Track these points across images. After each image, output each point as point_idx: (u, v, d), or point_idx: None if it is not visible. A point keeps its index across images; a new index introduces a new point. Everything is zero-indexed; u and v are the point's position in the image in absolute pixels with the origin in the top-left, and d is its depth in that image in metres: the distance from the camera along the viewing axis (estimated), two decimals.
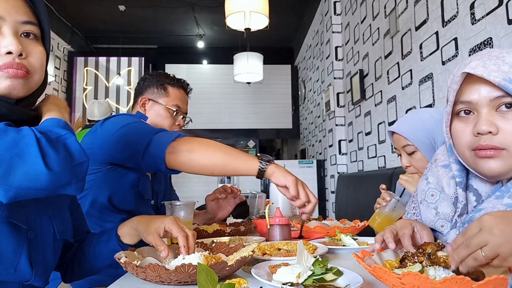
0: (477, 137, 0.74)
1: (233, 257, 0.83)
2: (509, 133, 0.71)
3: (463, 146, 0.78)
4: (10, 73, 0.72)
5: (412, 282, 0.56)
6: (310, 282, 0.69)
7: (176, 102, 1.51)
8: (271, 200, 1.91)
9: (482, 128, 0.72)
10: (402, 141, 1.33)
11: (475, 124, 0.74)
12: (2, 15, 0.73)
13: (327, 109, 4.35)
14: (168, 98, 1.50)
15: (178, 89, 1.54)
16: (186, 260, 0.78)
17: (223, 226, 1.39)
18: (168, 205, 1.22)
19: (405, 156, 1.35)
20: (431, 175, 0.94)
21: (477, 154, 0.74)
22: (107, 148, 1.19)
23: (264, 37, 5.08)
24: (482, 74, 0.71)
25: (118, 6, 5.49)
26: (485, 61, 0.73)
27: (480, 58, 0.75)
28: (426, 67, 2.38)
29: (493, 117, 0.73)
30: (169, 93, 1.51)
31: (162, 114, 1.48)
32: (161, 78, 1.52)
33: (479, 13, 1.84)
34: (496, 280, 0.53)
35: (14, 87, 0.73)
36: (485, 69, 0.71)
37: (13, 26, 0.74)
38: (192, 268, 0.68)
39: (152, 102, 1.49)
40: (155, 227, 0.88)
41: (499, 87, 0.70)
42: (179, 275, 0.69)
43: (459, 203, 0.82)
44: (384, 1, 3.05)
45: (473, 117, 0.75)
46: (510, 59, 0.74)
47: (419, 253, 0.67)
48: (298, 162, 4.98)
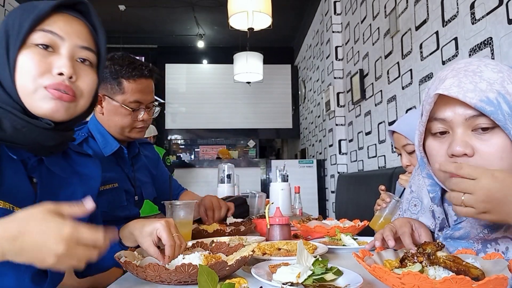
0: (452, 158, 0.69)
1: (233, 257, 0.83)
2: (486, 156, 0.66)
3: (437, 167, 0.72)
4: (55, 94, 0.72)
5: (412, 282, 0.57)
6: (310, 282, 0.69)
7: (135, 97, 1.30)
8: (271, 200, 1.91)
9: (457, 149, 0.68)
10: (403, 140, 1.34)
11: (449, 144, 0.70)
12: (62, 36, 0.74)
13: (327, 109, 4.34)
14: (124, 95, 1.29)
15: (136, 80, 1.30)
16: (186, 260, 0.79)
17: (223, 226, 1.39)
18: (168, 205, 1.22)
19: (405, 155, 1.35)
20: (414, 184, 0.93)
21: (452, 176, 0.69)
22: None
23: (264, 37, 5.08)
24: (457, 95, 0.66)
25: (118, 6, 5.49)
26: (461, 79, 0.68)
27: (456, 75, 0.70)
28: (426, 67, 2.38)
29: (469, 137, 0.68)
30: (124, 89, 1.29)
31: (119, 112, 1.30)
32: (113, 69, 1.29)
33: (479, 13, 1.84)
34: (496, 279, 0.53)
35: (57, 110, 0.73)
36: (460, 89, 0.67)
37: (71, 49, 0.76)
38: (192, 268, 0.69)
39: (108, 99, 1.30)
40: (148, 234, 0.85)
41: (477, 110, 0.65)
42: (179, 275, 0.69)
43: (436, 218, 0.80)
44: (384, 1, 3.05)
45: (448, 136, 0.71)
46: (488, 74, 0.68)
47: (419, 253, 0.67)
48: (298, 162, 4.99)
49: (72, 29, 0.76)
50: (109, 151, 1.32)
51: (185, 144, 7.68)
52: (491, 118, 0.65)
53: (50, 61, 0.73)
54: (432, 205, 0.82)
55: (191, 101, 7.05)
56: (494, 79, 0.68)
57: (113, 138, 1.33)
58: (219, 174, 2.25)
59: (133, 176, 1.42)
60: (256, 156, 7.54)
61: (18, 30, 0.72)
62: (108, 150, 1.32)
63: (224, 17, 3.13)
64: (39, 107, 0.72)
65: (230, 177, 2.23)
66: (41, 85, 0.71)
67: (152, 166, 1.59)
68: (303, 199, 2.29)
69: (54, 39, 0.74)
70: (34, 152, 0.76)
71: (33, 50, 0.72)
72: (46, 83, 0.72)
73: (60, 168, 0.83)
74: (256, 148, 7.65)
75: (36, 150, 0.76)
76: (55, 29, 0.74)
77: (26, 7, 0.75)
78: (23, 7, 0.75)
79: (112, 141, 1.33)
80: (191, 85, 7.11)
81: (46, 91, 0.72)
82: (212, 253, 0.87)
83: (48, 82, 0.72)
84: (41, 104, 0.72)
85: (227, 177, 2.22)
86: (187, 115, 7.06)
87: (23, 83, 0.71)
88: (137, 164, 1.47)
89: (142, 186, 1.47)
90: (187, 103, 7.07)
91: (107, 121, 1.32)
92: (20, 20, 0.72)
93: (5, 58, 0.71)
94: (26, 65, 0.71)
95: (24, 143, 0.72)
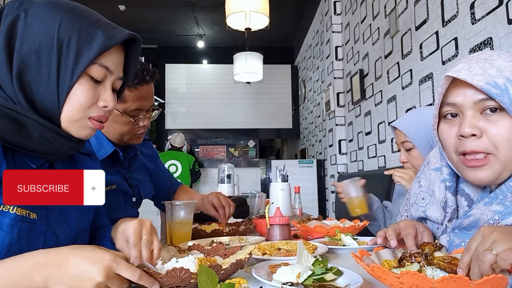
0: (461, 140, 0.73)
1: (229, 260, 0.82)
2: (494, 136, 0.70)
3: (449, 149, 0.77)
4: (96, 125, 0.76)
5: (411, 282, 0.57)
6: (310, 282, 0.69)
7: (135, 105, 1.27)
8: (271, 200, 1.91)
9: (465, 130, 0.71)
10: (402, 137, 1.36)
11: (459, 126, 0.73)
12: (111, 70, 0.75)
13: (327, 109, 4.35)
14: (125, 104, 1.25)
15: (137, 88, 1.27)
16: (179, 263, 0.76)
17: (222, 226, 1.39)
18: (168, 205, 1.22)
19: (403, 152, 1.38)
20: (423, 178, 0.94)
21: (465, 162, 0.74)
22: None
23: (264, 37, 5.08)
24: (465, 78, 0.70)
25: (118, 6, 5.49)
26: (471, 65, 0.72)
27: (468, 61, 0.74)
28: (426, 67, 2.38)
29: (477, 120, 0.71)
30: (125, 98, 1.25)
31: (119, 121, 1.27)
32: None
33: (479, 13, 1.84)
34: (494, 279, 0.53)
35: (91, 135, 0.77)
36: (468, 73, 0.71)
37: (114, 82, 0.77)
38: (184, 272, 0.66)
39: None
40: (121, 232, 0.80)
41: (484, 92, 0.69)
42: (171, 279, 0.67)
43: (448, 207, 0.81)
44: (384, 1, 3.05)
45: (458, 119, 0.75)
46: (499, 62, 0.72)
47: (417, 254, 0.67)
48: (298, 162, 4.99)
49: (119, 62, 0.78)
50: (103, 154, 1.28)
51: None
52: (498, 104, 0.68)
53: (98, 92, 0.75)
54: (446, 196, 0.82)
55: (191, 101, 7.05)
56: (504, 66, 0.71)
57: (108, 141, 1.31)
58: (219, 174, 2.25)
59: (130, 176, 1.40)
60: (256, 156, 7.54)
61: (75, 57, 0.69)
62: (102, 153, 1.28)
63: (224, 17, 3.13)
64: (77, 133, 0.75)
65: (230, 177, 2.23)
66: (87, 115, 0.74)
67: (150, 163, 1.58)
68: (303, 199, 2.29)
69: (106, 73, 0.75)
70: (52, 160, 0.77)
71: (88, 82, 0.72)
72: (92, 114, 0.75)
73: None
74: (256, 148, 7.65)
75: (55, 158, 0.76)
76: (109, 63, 0.74)
77: (84, 26, 0.71)
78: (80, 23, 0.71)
79: (107, 144, 1.30)
80: (191, 85, 7.11)
81: (89, 121, 0.75)
82: (208, 256, 0.86)
83: (93, 114, 0.75)
84: (81, 130, 0.75)
85: (227, 177, 2.22)
86: (187, 115, 7.06)
87: (71, 111, 0.72)
88: (134, 164, 1.45)
89: (140, 185, 1.46)
90: (187, 103, 7.08)
91: (106, 127, 1.27)
92: (79, 44, 0.70)
93: (54, 79, 0.69)
94: (79, 96, 0.72)
95: (48, 153, 0.73)
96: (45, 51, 0.68)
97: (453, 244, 0.79)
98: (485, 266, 0.55)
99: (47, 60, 0.68)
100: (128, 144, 1.38)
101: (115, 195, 1.32)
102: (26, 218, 0.69)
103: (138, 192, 1.44)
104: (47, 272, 0.60)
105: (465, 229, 0.77)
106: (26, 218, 0.69)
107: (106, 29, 0.73)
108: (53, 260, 0.61)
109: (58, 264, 0.61)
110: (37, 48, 0.68)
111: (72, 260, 0.61)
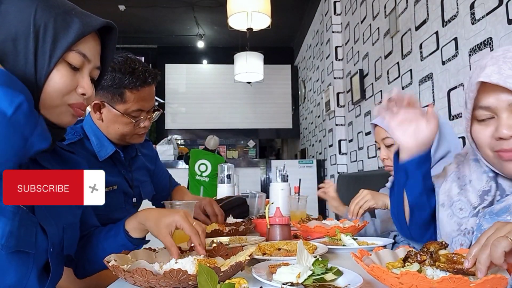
0: (499, 141, 0.74)
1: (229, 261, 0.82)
2: None
3: (485, 148, 0.78)
4: (77, 112, 0.78)
5: (410, 282, 0.57)
6: (310, 282, 0.69)
7: (137, 106, 1.26)
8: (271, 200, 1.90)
9: (504, 132, 0.72)
10: (383, 133, 1.40)
11: (496, 127, 0.74)
12: (89, 57, 0.76)
13: (327, 109, 4.35)
14: (126, 104, 1.24)
15: (139, 89, 1.26)
16: (178, 264, 0.76)
17: (221, 226, 1.39)
18: (168, 204, 1.22)
19: (384, 149, 1.42)
20: (462, 166, 0.93)
21: (501, 156, 0.75)
22: None
23: (264, 37, 5.08)
24: (498, 81, 0.70)
25: (118, 6, 5.50)
26: (501, 66, 0.72)
27: (495, 63, 0.74)
28: (426, 67, 2.38)
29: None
30: (126, 99, 1.24)
31: (121, 121, 1.26)
32: (117, 77, 1.23)
33: (479, 13, 1.84)
34: (494, 279, 0.53)
35: (71, 123, 0.79)
36: (500, 76, 0.71)
37: (91, 69, 0.78)
38: (182, 273, 0.66)
39: (109, 106, 1.25)
40: (166, 225, 0.86)
41: None
42: (168, 280, 0.66)
43: (489, 195, 0.82)
44: (384, 1, 3.05)
45: (493, 120, 0.76)
46: None
47: (422, 252, 0.67)
48: (298, 162, 4.99)
49: (96, 51, 0.79)
50: (104, 155, 1.28)
51: (185, 144, 7.68)
52: None
53: (76, 79, 0.76)
54: (486, 185, 0.83)
55: (191, 101, 7.06)
56: None
57: (109, 142, 1.30)
58: (219, 174, 2.25)
59: (131, 177, 1.40)
60: (256, 156, 7.54)
61: (53, 42, 0.70)
62: (103, 154, 1.28)
63: (224, 17, 3.13)
64: (59, 120, 0.75)
65: (230, 177, 2.23)
66: (65, 102, 0.75)
67: (150, 163, 1.58)
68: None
69: (84, 61, 0.76)
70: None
71: (65, 68, 0.73)
72: (71, 101, 0.75)
73: (51, 164, 0.83)
74: (256, 148, 7.65)
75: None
76: (87, 51, 0.76)
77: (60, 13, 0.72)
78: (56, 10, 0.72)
79: (108, 145, 1.30)
80: (191, 85, 7.11)
81: (70, 108, 0.76)
82: (208, 257, 0.86)
83: (72, 101, 0.76)
84: (62, 117, 0.76)
85: (227, 177, 2.22)
86: (187, 115, 7.06)
87: (50, 98, 0.72)
88: (135, 164, 1.45)
89: (141, 185, 1.46)
90: (187, 103, 7.08)
91: (107, 127, 1.29)
92: (55, 30, 0.70)
93: (32, 66, 0.69)
94: (57, 82, 0.72)
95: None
96: (22, 39, 0.69)
97: (482, 227, 0.79)
98: (498, 251, 0.53)
99: (23, 48, 0.69)
100: (129, 144, 1.38)
101: (116, 196, 1.32)
102: (23, 209, 0.69)
103: (138, 193, 1.45)
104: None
105: (496, 214, 0.78)
106: (23, 209, 0.69)
107: (82, 16, 0.75)
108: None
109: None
110: (13, 36, 0.68)
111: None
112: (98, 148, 1.28)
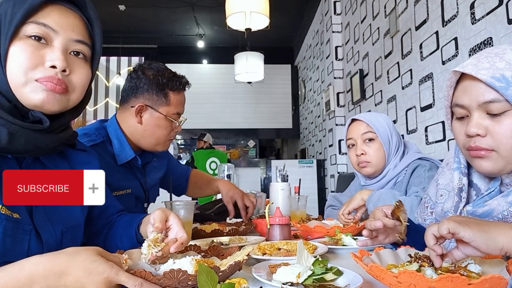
0: (468, 139, 0.78)
1: (227, 261, 0.81)
2: (497, 136, 0.73)
3: (460, 145, 0.82)
4: (48, 86, 0.71)
5: (409, 281, 0.57)
6: (310, 282, 0.69)
7: (177, 109, 1.33)
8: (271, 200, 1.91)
9: (471, 130, 0.75)
10: (364, 128, 1.42)
11: (466, 126, 0.77)
12: (56, 30, 0.73)
13: (327, 108, 4.35)
14: (169, 107, 1.31)
15: (179, 92, 1.34)
16: (176, 264, 0.76)
17: (221, 226, 1.39)
18: (168, 204, 1.22)
19: (361, 143, 1.42)
20: (441, 178, 0.97)
21: (470, 153, 0.79)
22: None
23: (264, 37, 5.08)
24: (471, 72, 0.73)
25: (118, 6, 5.50)
26: (480, 59, 0.75)
27: (477, 57, 0.77)
28: (426, 67, 2.38)
29: (483, 120, 0.75)
30: (170, 101, 1.30)
31: (162, 124, 1.31)
32: (160, 80, 1.29)
33: (479, 13, 1.84)
34: (492, 279, 0.53)
35: (48, 101, 0.72)
36: (474, 67, 0.73)
37: (65, 42, 0.74)
38: (182, 274, 0.66)
39: (151, 110, 1.29)
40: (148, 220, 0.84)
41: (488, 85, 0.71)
42: (168, 281, 0.66)
43: (464, 192, 0.84)
44: (384, 1, 3.05)
45: (467, 119, 0.79)
46: (510, 55, 0.73)
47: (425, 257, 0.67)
48: (298, 162, 4.99)
49: (67, 22, 0.74)
50: (123, 159, 1.30)
51: (185, 144, 7.68)
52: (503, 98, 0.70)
53: (43, 53, 0.71)
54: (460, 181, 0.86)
55: (191, 101, 7.01)
56: None
57: (129, 147, 1.31)
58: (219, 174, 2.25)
59: (145, 182, 1.42)
60: (256, 156, 7.54)
61: (10, 21, 0.69)
62: (123, 158, 1.30)
63: (224, 17, 3.13)
64: (30, 98, 0.71)
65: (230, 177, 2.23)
66: (32, 78, 0.70)
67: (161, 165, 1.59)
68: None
69: (47, 31, 0.72)
70: (30, 154, 0.75)
71: (25, 42, 0.70)
72: (38, 76, 0.71)
73: (56, 165, 0.82)
74: (256, 148, 7.65)
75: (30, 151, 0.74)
76: (49, 21, 0.72)
77: None
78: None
79: (128, 150, 1.31)
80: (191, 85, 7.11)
81: (38, 83, 0.71)
82: (205, 257, 0.85)
83: (40, 75, 0.71)
84: (33, 95, 0.71)
85: (227, 177, 2.22)
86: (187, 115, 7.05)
87: (14, 75, 0.69)
88: (148, 169, 1.46)
89: (151, 190, 1.49)
90: (187, 103, 7.01)
91: (143, 131, 1.30)
92: (13, 10, 0.70)
93: None
94: (17, 57, 0.69)
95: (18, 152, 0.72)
96: None
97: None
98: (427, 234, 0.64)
99: None
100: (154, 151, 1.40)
101: (128, 199, 1.33)
102: (10, 218, 0.68)
103: (149, 197, 1.48)
104: (46, 283, 0.59)
105: (478, 217, 0.78)
106: (10, 218, 0.68)
107: None
108: (52, 271, 0.59)
109: (58, 275, 0.59)
110: None
111: (72, 271, 0.59)
112: (119, 151, 1.30)
